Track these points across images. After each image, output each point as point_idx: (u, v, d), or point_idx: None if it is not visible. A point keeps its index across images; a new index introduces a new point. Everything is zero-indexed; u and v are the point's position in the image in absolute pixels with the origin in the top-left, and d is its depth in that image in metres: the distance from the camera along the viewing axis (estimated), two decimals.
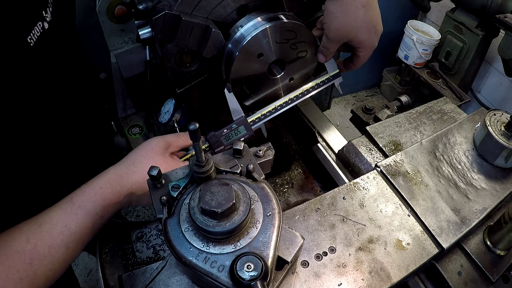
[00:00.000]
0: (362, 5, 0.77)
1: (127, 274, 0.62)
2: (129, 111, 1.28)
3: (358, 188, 0.76)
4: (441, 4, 2.54)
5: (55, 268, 0.63)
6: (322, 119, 1.14)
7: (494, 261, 0.72)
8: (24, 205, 0.75)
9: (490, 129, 0.80)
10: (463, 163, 0.83)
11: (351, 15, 0.78)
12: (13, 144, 0.71)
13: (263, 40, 0.81)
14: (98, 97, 1.28)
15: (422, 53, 2.49)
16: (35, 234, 0.62)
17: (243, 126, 0.88)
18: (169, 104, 1.05)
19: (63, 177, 0.90)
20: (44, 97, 0.77)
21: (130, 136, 1.22)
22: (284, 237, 0.56)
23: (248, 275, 0.46)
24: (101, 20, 1.15)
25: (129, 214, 2.47)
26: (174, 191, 0.57)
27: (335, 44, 0.85)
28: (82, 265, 2.27)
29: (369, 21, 0.81)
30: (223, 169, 0.59)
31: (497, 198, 0.77)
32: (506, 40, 1.99)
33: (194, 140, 0.50)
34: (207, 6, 0.78)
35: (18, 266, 0.58)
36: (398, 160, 0.81)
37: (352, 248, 0.66)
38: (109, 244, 0.77)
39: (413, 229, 0.70)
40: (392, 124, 0.92)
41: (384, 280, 0.63)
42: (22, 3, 0.64)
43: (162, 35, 0.76)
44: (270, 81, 0.91)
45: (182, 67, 0.86)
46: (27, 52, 0.66)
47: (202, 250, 0.50)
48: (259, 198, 0.55)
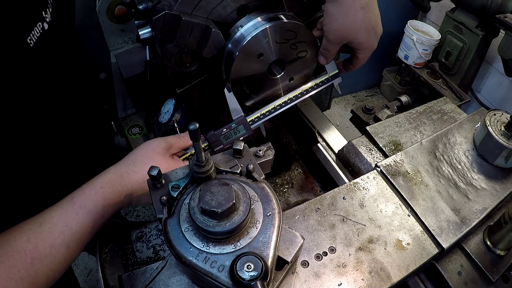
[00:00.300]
0: (362, 7, 0.78)
1: (127, 274, 0.62)
2: (129, 111, 1.28)
3: (358, 188, 0.76)
4: (441, 4, 2.54)
5: (56, 267, 0.63)
6: (322, 119, 1.14)
7: (494, 261, 0.72)
8: (25, 205, 0.75)
9: (490, 129, 0.80)
10: (463, 163, 0.83)
11: (350, 17, 0.78)
12: (13, 144, 0.71)
13: (263, 40, 0.81)
14: (98, 97, 1.28)
15: (422, 53, 2.49)
16: (36, 234, 0.62)
17: (243, 125, 0.88)
18: (169, 104, 1.05)
19: (64, 176, 0.90)
20: (44, 98, 0.77)
21: (130, 136, 1.22)
22: (284, 237, 0.56)
23: (248, 275, 0.46)
24: (101, 20, 1.15)
25: (129, 214, 2.47)
26: (174, 191, 0.57)
27: (335, 46, 0.85)
28: (82, 265, 2.27)
29: (369, 23, 0.81)
30: (223, 169, 0.59)
31: (497, 198, 0.77)
32: (506, 40, 1.99)
33: (194, 140, 0.50)
34: (207, 6, 0.78)
35: (19, 266, 0.58)
36: (398, 160, 0.81)
37: (352, 248, 0.66)
38: (109, 244, 0.77)
39: (413, 229, 0.70)
40: (392, 124, 0.92)
41: (384, 280, 0.63)
42: (22, 4, 0.64)
43: (162, 35, 0.76)
44: (270, 81, 0.91)
45: (182, 67, 0.86)
46: (27, 53, 0.66)
47: (202, 250, 0.50)
48: (259, 198, 0.55)
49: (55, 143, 0.86)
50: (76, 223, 0.65)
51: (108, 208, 0.70)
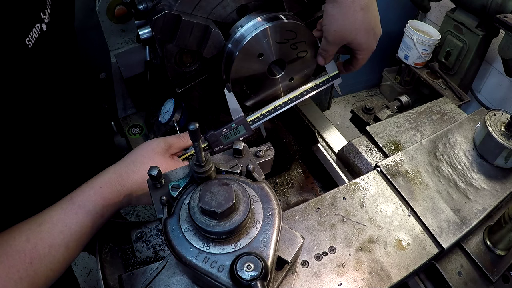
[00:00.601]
0: (361, 8, 0.78)
1: (127, 274, 0.62)
2: (129, 111, 1.28)
3: (358, 188, 0.76)
4: (441, 4, 2.53)
5: (55, 267, 0.63)
6: (322, 119, 1.14)
7: (494, 261, 0.72)
8: (24, 205, 0.75)
9: (490, 129, 0.80)
10: (463, 163, 0.83)
11: (349, 17, 0.78)
12: (13, 144, 0.71)
13: (263, 40, 0.81)
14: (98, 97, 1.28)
15: (422, 53, 2.49)
16: (35, 234, 0.62)
17: (243, 125, 0.88)
18: (169, 104, 1.05)
19: (63, 176, 0.90)
20: (44, 98, 0.77)
21: (130, 136, 1.22)
22: (284, 237, 0.56)
23: (248, 275, 0.46)
24: (101, 20, 1.15)
25: (129, 214, 2.47)
26: (174, 191, 0.57)
27: (334, 46, 0.86)
28: (82, 265, 2.27)
29: (368, 24, 0.81)
30: (223, 169, 0.59)
31: (497, 198, 0.77)
32: (506, 40, 1.99)
33: (194, 140, 0.50)
34: (207, 6, 0.78)
35: (18, 266, 0.58)
36: (398, 160, 0.81)
37: (352, 248, 0.66)
38: (109, 244, 0.77)
39: (413, 229, 0.70)
40: (392, 124, 0.92)
41: (384, 280, 0.63)
42: (20, 4, 0.64)
43: (162, 35, 0.76)
44: (270, 81, 0.91)
45: (182, 67, 0.86)
46: (25, 54, 0.66)
47: (202, 250, 0.50)
48: (259, 198, 0.55)
49: (55, 143, 0.86)
50: (76, 223, 0.65)
51: (108, 208, 0.70)
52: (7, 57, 0.62)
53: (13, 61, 0.64)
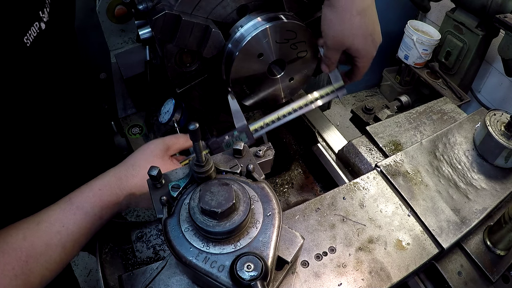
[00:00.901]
0: (358, 12, 0.77)
1: (127, 274, 0.62)
2: (129, 111, 1.28)
3: (358, 188, 0.76)
4: (441, 4, 2.54)
5: (51, 267, 0.63)
6: (322, 119, 1.14)
7: (494, 261, 0.72)
8: (24, 204, 0.75)
9: (490, 129, 0.80)
10: (463, 163, 0.83)
11: (346, 22, 0.78)
12: (12, 144, 0.71)
13: (263, 40, 0.81)
14: (98, 97, 1.28)
15: (422, 53, 2.50)
16: (33, 232, 0.62)
17: (245, 133, 0.88)
18: (169, 104, 1.05)
19: (63, 176, 0.90)
20: (43, 97, 0.77)
21: (130, 136, 1.22)
22: (284, 237, 0.56)
23: (248, 275, 0.46)
24: (101, 20, 1.15)
25: (129, 214, 2.47)
26: (174, 191, 0.57)
27: (335, 52, 0.85)
28: (82, 265, 2.27)
29: (365, 29, 0.81)
30: (223, 169, 0.59)
31: (497, 198, 0.77)
32: (506, 40, 1.99)
33: (194, 140, 0.50)
34: (207, 6, 0.78)
35: (14, 263, 0.58)
36: (398, 160, 0.81)
37: (352, 248, 0.66)
38: (109, 244, 0.77)
39: (413, 229, 0.70)
40: (392, 124, 0.92)
41: (384, 280, 0.63)
42: (18, 3, 0.64)
43: (162, 35, 0.76)
44: (270, 81, 0.91)
45: (182, 67, 0.86)
46: (23, 52, 0.66)
47: (202, 250, 0.50)
48: (259, 198, 0.55)
49: (54, 143, 0.86)
50: (73, 224, 0.65)
51: (106, 210, 0.70)
52: (4, 55, 0.62)
53: (11, 59, 0.64)
